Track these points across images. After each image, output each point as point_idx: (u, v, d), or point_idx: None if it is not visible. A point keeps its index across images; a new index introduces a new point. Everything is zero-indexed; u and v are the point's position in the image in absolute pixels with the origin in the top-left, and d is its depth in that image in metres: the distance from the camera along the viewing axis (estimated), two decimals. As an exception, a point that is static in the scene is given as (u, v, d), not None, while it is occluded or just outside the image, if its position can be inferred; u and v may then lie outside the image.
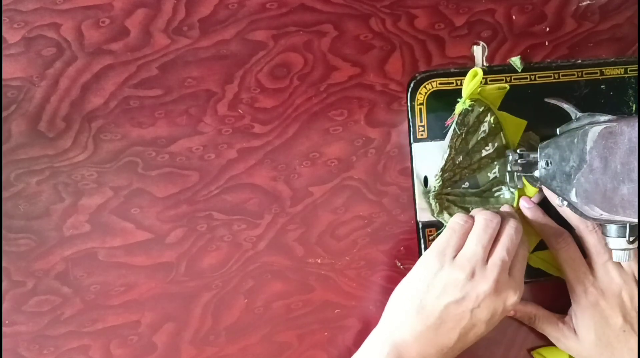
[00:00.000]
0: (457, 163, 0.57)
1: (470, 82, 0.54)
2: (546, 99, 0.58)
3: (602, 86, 0.61)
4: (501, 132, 0.57)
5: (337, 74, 0.55)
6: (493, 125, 0.57)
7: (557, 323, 0.59)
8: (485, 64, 0.59)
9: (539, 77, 0.60)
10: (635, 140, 0.47)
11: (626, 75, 0.61)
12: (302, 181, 0.56)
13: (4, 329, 0.50)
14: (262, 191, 0.55)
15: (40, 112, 0.50)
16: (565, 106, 0.56)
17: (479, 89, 0.54)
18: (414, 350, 0.49)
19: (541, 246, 0.59)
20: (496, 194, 0.58)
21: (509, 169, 0.57)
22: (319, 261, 0.56)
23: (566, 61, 0.60)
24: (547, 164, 0.55)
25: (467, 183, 0.58)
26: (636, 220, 0.48)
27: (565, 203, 0.54)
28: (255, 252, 0.55)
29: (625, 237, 0.53)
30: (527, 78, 0.59)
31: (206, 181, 0.54)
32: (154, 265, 0.53)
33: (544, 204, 0.59)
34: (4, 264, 0.50)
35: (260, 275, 0.55)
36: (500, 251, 0.51)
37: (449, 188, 0.57)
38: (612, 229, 0.53)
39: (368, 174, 0.57)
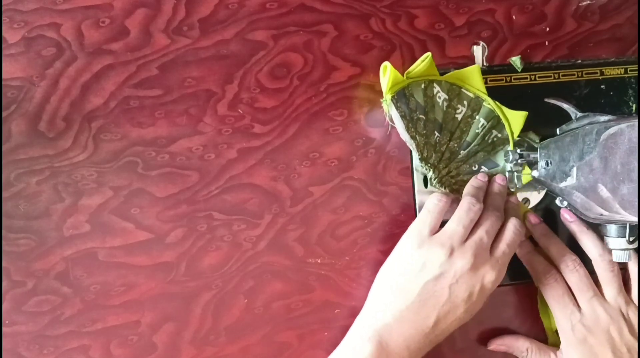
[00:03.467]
0: (435, 142, 0.56)
1: (383, 79, 0.54)
2: (546, 99, 0.58)
3: (602, 86, 0.61)
4: (461, 89, 0.56)
5: (337, 74, 0.55)
6: (447, 90, 0.56)
7: (549, 356, 0.58)
8: (485, 64, 0.59)
9: (539, 77, 0.60)
10: (635, 140, 0.47)
11: (626, 75, 0.61)
12: (302, 181, 0.56)
13: (4, 329, 0.50)
14: (262, 191, 0.55)
15: (40, 112, 0.50)
16: (565, 106, 0.56)
17: (403, 79, 0.54)
18: (395, 333, 0.50)
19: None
20: (490, 141, 0.58)
21: (508, 169, 0.57)
22: (319, 261, 0.56)
23: (566, 61, 0.60)
24: (547, 164, 0.55)
25: (461, 152, 0.57)
26: (636, 220, 0.48)
27: (565, 203, 0.54)
28: (255, 252, 0.55)
29: (625, 237, 0.53)
30: (527, 78, 0.60)
31: (206, 181, 0.54)
32: (154, 265, 0.53)
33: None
34: (4, 264, 0.50)
35: (260, 275, 0.55)
36: (479, 232, 0.52)
37: (446, 167, 0.57)
38: (612, 229, 0.53)
39: (368, 174, 0.57)
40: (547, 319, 0.61)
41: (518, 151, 0.56)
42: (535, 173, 0.56)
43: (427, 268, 0.50)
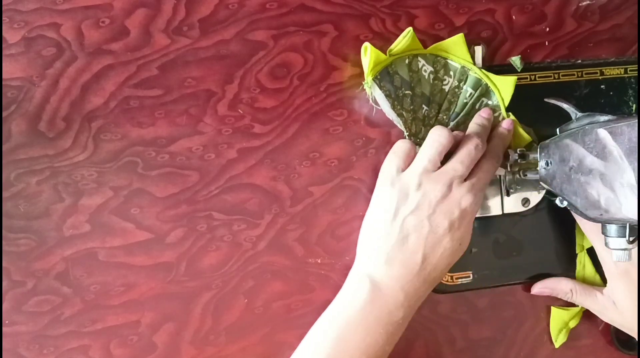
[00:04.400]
0: (424, 116, 0.56)
1: (364, 59, 0.54)
2: (546, 99, 0.58)
3: (602, 86, 0.61)
4: (447, 60, 0.56)
5: (337, 74, 0.55)
6: (433, 62, 0.56)
7: (595, 295, 0.58)
8: (485, 64, 0.59)
9: (539, 77, 0.60)
10: (635, 140, 0.47)
11: (626, 75, 0.62)
12: (302, 181, 0.56)
13: (4, 329, 0.50)
14: (262, 191, 0.55)
15: (40, 112, 0.50)
16: (565, 106, 0.56)
17: (385, 57, 0.54)
18: (386, 276, 0.50)
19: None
20: (479, 109, 0.57)
21: (508, 169, 0.57)
22: (319, 261, 0.56)
23: (566, 61, 0.60)
24: (547, 164, 0.55)
25: (450, 123, 0.57)
26: (636, 220, 0.48)
27: (566, 202, 0.54)
28: (255, 252, 0.55)
29: (625, 237, 0.53)
30: (527, 78, 0.60)
31: (206, 181, 0.54)
32: (154, 265, 0.53)
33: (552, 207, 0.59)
34: (4, 264, 0.50)
35: (260, 275, 0.55)
36: (451, 162, 0.52)
37: None
38: (612, 229, 0.53)
39: (368, 174, 0.57)
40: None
41: (518, 151, 0.56)
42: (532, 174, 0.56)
43: (402, 204, 0.50)
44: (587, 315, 0.63)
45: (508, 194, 0.59)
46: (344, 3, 0.55)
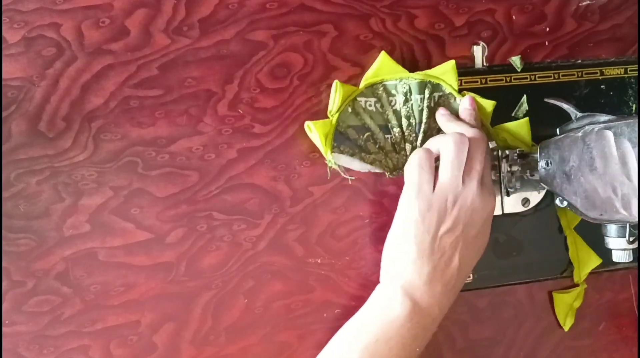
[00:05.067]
0: (393, 144, 0.55)
1: (313, 136, 0.54)
2: (546, 99, 0.58)
3: (602, 86, 0.61)
4: (382, 83, 0.55)
5: (337, 74, 0.55)
6: (372, 93, 0.55)
7: None
8: (485, 64, 0.59)
9: (539, 77, 0.60)
10: (635, 140, 0.47)
11: (626, 75, 0.62)
12: (302, 181, 0.56)
13: (4, 329, 0.50)
14: (262, 191, 0.55)
15: (40, 112, 0.50)
16: (565, 106, 0.56)
17: (329, 121, 0.54)
18: (426, 294, 0.50)
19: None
20: (435, 105, 0.56)
21: (507, 169, 0.57)
22: (319, 261, 0.56)
23: (566, 61, 0.60)
24: (547, 164, 0.55)
25: (419, 135, 0.56)
26: (636, 220, 0.48)
27: (566, 202, 0.54)
28: (255, 252, 0.55)
29: (625, 237, 0.53)
30: (527, 78, 0.60)
31: (206, 181, 0.54)
32: (154, 265, 0.53)
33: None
34: (4, 264, 0.50)
35: (260, 275, 0.55)
36: (474, 166, 0.51)
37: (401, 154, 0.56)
38: (612, 229, 0.53)
39: (368, 174, 0.57)
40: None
41: (517, 151, 0.56)
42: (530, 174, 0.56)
43: (441, 223, 0.50)
44: (587, 316, 0.63)
45: (508, 194, 0.59)
46: (344, 3, 0.55)
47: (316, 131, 0.53)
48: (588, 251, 0.61)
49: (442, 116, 0.55)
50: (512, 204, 0.59)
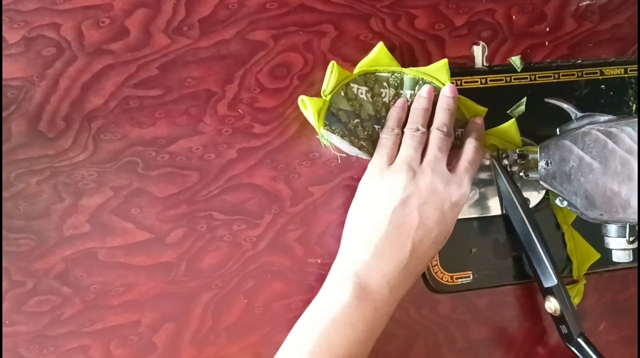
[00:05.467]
0: (376, 133, 0.55)
1: (307, 113, 0.54)
2: (546, 99, 0.58)
3: (602, 86, 0.61)
4: (375, 74, 0.55)
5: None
6: (364, 82, 0.55)
7: None
8: (485, 64, 0.59)
9: (539, 77, 0.60)
10: (635, 140, 0.47)
11: (626, 75, 0.62)
12: (302, 181, 0.56)
13: (4, 329, 0.50)
14: (262, 191, 0.55)
15: (40, 112, 0.50)
16: (565, 106, 0.56)
17: (323, 100, 0.54)
18: (374, 270, 0.49)
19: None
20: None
21: (508, 169, 0.57)
22: (319, 261, 0.56)
23: (566, 61, 0.61)
24: (547, 164, 0.55)
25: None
26: (636, 220, 0.48)
27: (566, 202, 0.54)
28: (255, 252, 0.55)
29: (625, 237, 0.53)
30: (527, 78, 0.60)
31: (206, 181, 0.54)
32: (154, 265, 0.53)
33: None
34: (4, 264, 0.50)
35: (260, 275, 0.55)
36: (430, 151, 0.52)
37: None
38: (612, 229, 0.53)
39: (368, 174, 0.57)
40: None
41: (517, 151, 0.56)
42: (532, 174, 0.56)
43: (393, 194, 0.50)
44: (587, 316, 0.63)
45: (508, 194, 0.58)
46: (344, 3, 0.55)
47: (311, 106, 0.53)
48: (586, 246, 0.61)
49: (443, 98, 0.55)
50: (512, 204, 0.59)
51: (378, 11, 0.56)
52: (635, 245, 0.53)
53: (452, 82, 0.56)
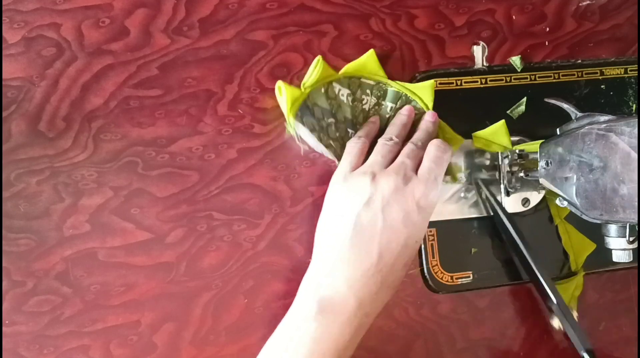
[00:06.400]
0: (348, 136, 0.55)
1: (280, 99, 0.53)
2: (546, 99, 0.58)
3: (602, 86, 0.61)
4: (361, 79, 0.55)
5: (337, 74, 0.55)
6: (348, 85, 0.55)
7: None
8: (485, 64, 0.59)
9: (539, 77, 0.60)
10: (635, 140, 0.47)
11: (626, 75, 0.62)
12: (302, 181, 0.56)
13: (4, 329, 0.50)
14: (262, 191, 0.55)
15: (40, 112, 0.50)
16: (565, 106, 0.56)
17: (301, 92, 0.53)
18: (339, 281, 0.46)
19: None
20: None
21: (507, 169, 0.57)
22: (319, 261, 0.56)
23: (566, 61, 0.60)
24: (547, 164, 0.55)
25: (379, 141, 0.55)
26: (636, 220, 0.48)
27: (566, 202, 0.54)
28: (255, 252, 0.55)
29: (625, 237, 0.53)
30: (527, 78, 0.60)
31: (206, 181, 0.54)
32: (154, 265, 0.53)
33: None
34: (4, 264, 0.50)
35: (260, 275, 0.55)
36: (400, 157, 0.51)
37: None
38: (612, 229, 0.53)
39: (368, 174, 0.56)
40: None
41: (517, 151, 0.56)
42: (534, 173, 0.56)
43: (355, 198, 0.48)
44: (587, 316, 0.63)
45: (508, 195, 0.59)
46: (344, 3, 0.55)
47: (286, 94, 0.52)
48: (581, 237, 0.61)
49: (424, 122, 0.55)
50: (512, 204, 0.59)
51: (378, 11, 0.56)
52: (635, 245, 0.53)
53: (435, 105, 0.56)
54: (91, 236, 0.52)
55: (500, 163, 0.58)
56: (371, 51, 0.55)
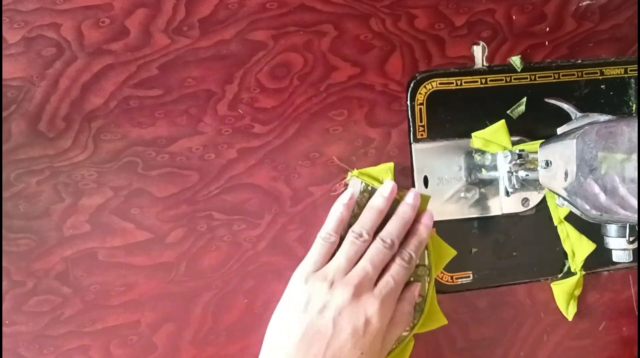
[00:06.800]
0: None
1: (381, 171, 0.55)
2: (546, 99, 0.58)
3: (602, 86, 0.61)
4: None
5: (337, 74, 0.55)
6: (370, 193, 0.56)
7: None
8: (485, 64, 0.59)
9: (539, 77, 0.60)
10: (635, 140, 0.47)
11: (626, 75, 0.62)
12: (302, 181, 0.56)
13: (4, 329, 0.50)
14: (262, 191, 0.55)
15: (40, 112, 0.50)
16: (565, 106, 0.56)
17: (378, 177, 0.55)
18: None
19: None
20: None
21: (507, 169, 0.57)
22: (319, 261, 0.56)
23: (566, 61, 0.60)
24: (547, 164, 0.55)
25: None
26: (636, 220, 0.48)
27: (566, 202, 0.54)
28: (255, 252, 0.55)
29: (625, 237, 0.53)
30: (527, 78, 0.60)
31: (206, 181, 0.54)
32: (154, 265, 0.53)
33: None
34: (4, 264, 0.50)
35: (260, 275, 0.55)
36: (362, 262, 0.51)
37: None
38: (612, 229, 0.53)
39: (368, 174, 0.57)
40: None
41: (517, 151, 0.56)
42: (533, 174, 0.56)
43: (311, 303, 0.49)
44: (587, 316, 0.63)
45: (508, 194, 0.58)
46: (344, 3, 0.55)
47: (384, 173, 0.55)
48: (580, 237, 0.61)
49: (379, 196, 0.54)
50: (512, 204, 0.59)
51: (378, 11, 0.56)
52: (635, 245, 0.53)
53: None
54: (91, 236, 0.52)
55: (500, 163, 0.57)
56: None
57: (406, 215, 0.54)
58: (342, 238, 0.53)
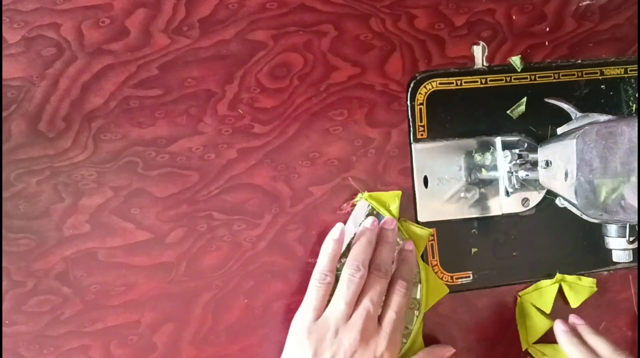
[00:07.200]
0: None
1: (391, 199, 0.56)
2: (546, 99, 0.58)
3: (602, 86, 0.61)
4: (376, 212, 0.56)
5: (337, 74, 0.55)
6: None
7: None
8: (485, 64, 0.59)
9: (539, 77, 0.60)
10: (635, 140, 0.47)
11: (626, 75, 0.62)
12: (302, 181, 0.56)
13: (4, 329, 0.50)
14: (262, 191, 0.55)
15: (40, 112, 0.50)
16: (565, 106, 0.57)
17: (386, 205, 0.55)
18: None
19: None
20: None
21: (507, 169, 0.57)
22: (319, 261, 0.56)
23: (566, 61, 0.60)
24: (547, 164, 0.55)
25: None
26: (636, 220, 0.48)
27: (566, 202, 0.54)
28: (255, 252, 0.55)
29: (625, 237, 0.53)
30: (527, 78, 0.60)
31: (206, 181, 0.54)
32: (154, 265, 0.53)
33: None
34: (4, 264, 0.50)
35: (260, 275, 0.55)
36: (363, 302, 0.50)
37: None
38: (612, 229, 0.53)
39: (368, 174, 0.57)
40: (524, 331, 0.61)
41: (518, 151, 0.57)
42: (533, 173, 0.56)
43: (318, 355, 0.49)
44: (587, 316, 0.63)
45: (508, 194, 0.59)
46: (344, 3, 0.55)
47: (392, 203, 0.55)
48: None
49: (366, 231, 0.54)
50: (512, 204, 0.59)
51: (378, 11, 0.56)
52: (635, 245, 0.53)
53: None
54: (91, 236, 0.52)
55: (500, 163, 0.58)
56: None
57: (390, 239, 0.54)
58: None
